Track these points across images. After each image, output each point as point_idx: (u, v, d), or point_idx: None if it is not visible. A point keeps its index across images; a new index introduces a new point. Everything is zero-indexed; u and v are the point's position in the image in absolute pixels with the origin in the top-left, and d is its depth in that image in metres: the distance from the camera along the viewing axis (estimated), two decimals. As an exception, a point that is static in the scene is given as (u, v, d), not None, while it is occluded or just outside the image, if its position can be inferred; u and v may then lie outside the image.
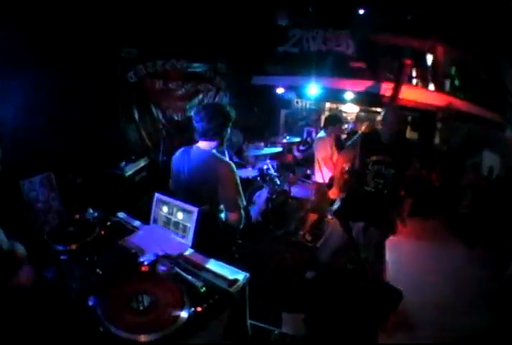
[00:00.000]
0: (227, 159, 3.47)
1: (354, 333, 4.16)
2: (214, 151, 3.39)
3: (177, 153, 3.57)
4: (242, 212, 3.38)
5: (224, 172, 3.23)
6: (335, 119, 6.47)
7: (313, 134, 9.95)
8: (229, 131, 3.44)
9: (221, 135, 3.35)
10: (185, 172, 3.38)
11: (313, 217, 6.56)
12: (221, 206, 3.42)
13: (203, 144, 3.37)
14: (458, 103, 9.16)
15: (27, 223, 3.24)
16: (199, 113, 3.29)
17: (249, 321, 2.84)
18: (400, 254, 6.20)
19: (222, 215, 3.48)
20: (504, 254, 6.27)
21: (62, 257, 2.62)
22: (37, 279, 2.35)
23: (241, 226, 3.48)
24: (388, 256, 5.25)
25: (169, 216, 3.08)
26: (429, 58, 9.74)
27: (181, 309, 2.09)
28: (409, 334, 4.39)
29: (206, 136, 3.30)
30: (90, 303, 2.10)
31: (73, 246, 2.71)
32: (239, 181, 3.35)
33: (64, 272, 2.43)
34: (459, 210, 8.10)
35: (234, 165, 3.34)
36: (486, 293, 5.33)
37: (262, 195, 6.51)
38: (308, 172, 8.48)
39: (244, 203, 3.45)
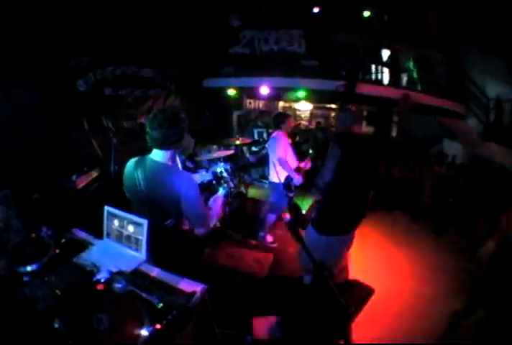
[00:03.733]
0: (185, 172, 3.27)
1: (326, 332, 4.17)
2: (170, 162, 3.08)
3: (130, 165, 3.20)
4: (211, 224, 3.26)
5: (183, 187, 2.91)
6: (282, 117, 6.46)
7: (264, 134, 9.99)
8: (185, 137, 3.09)
9: (179, 143, 3.02)
10: (141, 186, 3.05)
11: (271, 217, 6.56)
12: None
13: (157, 155, 3.03)
14: (416, 96, 9.31)
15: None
16: (155, 120, 2.89)
17: (217, 330, 2.83)
18: (368, 249, 6.30)
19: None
20: (472, 237, 6.44)
21: (24, 278, 2.60)
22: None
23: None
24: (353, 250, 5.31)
25: (121, 230, 3.02)
26: (385, 53, 9.91)
27: (141, 327, 2.09)
28: (392, 324, 4.45)
29: (164, 145, 2.96)
30: (56, 325, 2.09)
31: (32, 267, 2.68)
32: (199, 193, 3.07)
33: (29, 293, 2.40)
34: (423, 200, 8.25)
35: (191, 177, 3.08)
36: (459, 277, 5.46)
37: (217, 199, 6.48)
38: (264, 172, 8.54)
39: (212, 216, 3.39)
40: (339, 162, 4.04)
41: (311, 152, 6.42)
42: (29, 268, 2.66)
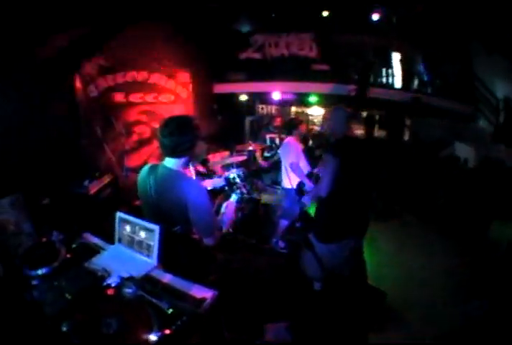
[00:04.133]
0: (195, 180, 3.28)
1: (342, 337, 4.15)
2: (182, 170, 3.06)
3: (143, 171, 3.20)
4: (217, 234, 3.16)
5: (192, 194, 2.87)
6: (294, 123, 6.46)
7: (277, 140, 9.97)
8: (197, 145, 3.04)
9: (192, 150, 3.00)
10: (152, 193, 3.06)
11: (284, 223, 6.53)
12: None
13: (170, 163, 3.00)
14: (426, 99, 9.26)
15: (1, 247, 3.16)
16: (166, 127, 2.88)
17: (228, 335, 2.81)
18: (381, 254, 6.26)
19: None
20: (481, 241, 6.39)
21: (33, 282, 2.60)
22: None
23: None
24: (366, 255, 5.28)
25: (132, 235, 3.03)
26: (395, 56, 9.86)
27: (149, 332, 2.07)
28: (400, 331, 4.41)
29: (174, 153, 2.95)
30: (64, 329, 2.09)
31: (42, 271, 2.69)
32: (209, 203, 3.04)
33: (37, 297, 2.42)
34: (436, 202, 8.18)
35: (201, 184, 3.13)
36: (468, 281, 5.40)
37: (230, 205, 6.45)
38: (275, 177, 8.52)
39: (224, 223, 3.43)
40: (337, 173, 3.94)
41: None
42: (39, 272, 2.68)
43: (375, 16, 9.21)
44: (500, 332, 4.09)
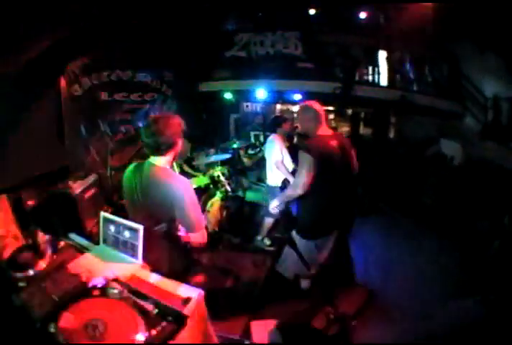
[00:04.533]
0: (180, 176, 3.20)
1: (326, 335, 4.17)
2: (168, 167, 3.15)
3: (128, 170, 3.28)
4: (204, 231, 3.15)
5: (180, 192, 2.94)
6: (279, 120, 6.48)
7: (261, 137, 10.00)
8: (180, 144, 3.16)
9: (175, 149, 3.10)
10: (138, 191, 3.13)
11: (269, 221, 6.56)
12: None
13: (155, 160, 3.09)
14: (412, 97, 9.31)
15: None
16: (149, 127, 2.98)
17: (215, 335, 2.82)
18: (368, 250, 6.30)
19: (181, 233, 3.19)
20: (472, 240, 6.44)
21: (21, 284, 2.59)
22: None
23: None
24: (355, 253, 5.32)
25: (117, 235, 3.02)
26: (381, 55, 9.91)
27: (136, 333, 2.09)
28: (388, 329, 4.44)
29: (158, 152, 3.03)
30: (52, 331, 2.09)
31: (29, 273, 2.70)
32: (196, 199, 3.09)
33: (25, 299, 2.41)
34: (422, 200, 8.24)
35: (189, 182, 3.11)
36: (458, 280, 5.45)
37: (215, 203, 6.49)
38: (260, 175, 8.54)
39: (204, 222, 3.36)
40: (313, 169, 4.00)
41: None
42: (25, 274, 2.67)
43: (362, 15, 9.27)
44: (493, 330, 4.15)
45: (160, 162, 3.08)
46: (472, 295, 4.76)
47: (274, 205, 4.56)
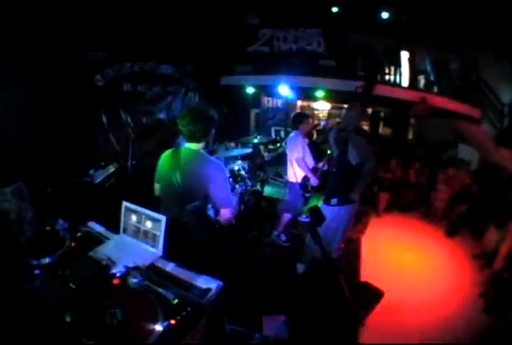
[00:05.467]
0: (215, 158, 3.58)
1: (335, 333, 4.15)
2: (203, 151, 3.50)
3: (164, 156, 3.64)
4: (233, 208, 3.54)
5: (216, 172, 3.35)
6: (301, 117, 6.45)
7: (282, 133, 9.96)
8: (213, 132, 3.54)
9: (207, 137, 3.47)
10: (176, 173, 3.39)
11: (287, 217, 6.53)
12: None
13: (191, 146, 3.45)
14: (433, 99, 9.23)
15: (2, 236, 3.15)
16: (184, 117, 3.37)
17: (228, 327, 2.82)
18: (379, 249, 6.26)
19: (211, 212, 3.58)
20: (483, 242, 6.39)
21: (36, 271, 2.58)
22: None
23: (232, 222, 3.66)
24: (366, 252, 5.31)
25: (138, 225, 3.06)
26: (404, 55, 9.83)
27: (155, 322, 2.08)
28: (395, 329, 4.42)
29: (192, 139, 3.41)
30: (67, 319, 2.08)
31: (45, 260, 2.69)
32: (227, 178, 3.63)
33: (39, 286, 2.39)
34: (436, 204, 8.18)
35: (222, 164, 3.47)
36: (472, 281, 5.41)
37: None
38: (279, 170, 8.52)
39: (235, 199, 3.75)
40: (364, 147, 4.69)
41: (329, 152, 6.37)
42: (42, 261, 2.68)
43: (384, 15, 9.22)
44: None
45: (196, 147, 3.45)
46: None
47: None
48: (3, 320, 2.15)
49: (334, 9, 9.46)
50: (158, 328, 2.05)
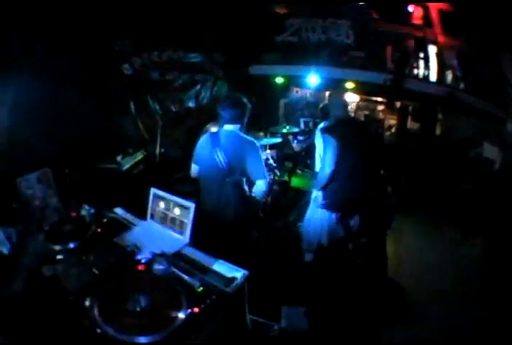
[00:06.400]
0: (251, 137, 4.07)
1: (355, 327, 4.13)
2: (240, 131, 4.01)
3: (204, 138, 4.12)
4: (267, 180, 4.01)
5: (252, 148, 3.87)
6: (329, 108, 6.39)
7: (310, 124, 9.90)
8: (247, 115, 4.04)
9: (242, 120, 4.01)
10: (217, 151, 3.85)
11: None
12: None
13: (229, 127, 3.96)
14: (459, 95, 9.10)
15: (25, 222, 3.17)
16: (223, 103, 4.01)
17: (248, 317, 2.81)
18: (400, 248, 6.19)
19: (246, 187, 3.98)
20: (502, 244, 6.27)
21: (59, 256, 2.60)
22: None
23: (264, 197, 4.39)
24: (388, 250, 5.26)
25: (166, 212, 3.08)
26: (432, 49, 9.69)
27: (178, 310, 2.06)
28: (410, 327, 4.36)
29: (231, 121, 3.93)
30: (87, 304, 2.08)
31: (70, 246, 2.70)
32: (262, 155, 4.05)
33: (61, 271, 2.38)
34: (460, 201, 8.05)
35: (256, 141, 4.01)
36: (485, 284, 5.31)
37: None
38: (308, 162, 8.43)
39: (267, 174, 4.10)
40: (337, 152, 4.51)
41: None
42: (65, 246, 2.70)
43: (411, 8, 9.12)
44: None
45: (234, 128, 3.97)
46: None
47: None
48: (22, 306, 2.15)
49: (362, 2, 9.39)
50: (181, 315, 2.03)
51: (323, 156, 4.68)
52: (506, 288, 5.03)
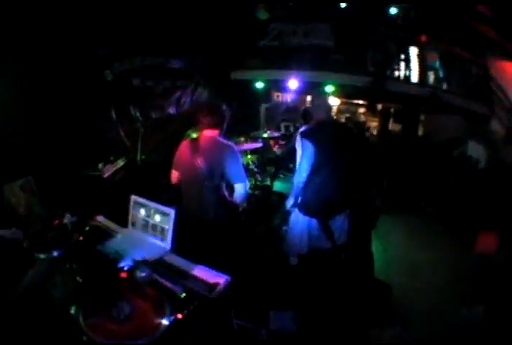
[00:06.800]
0: (229, 141, 4.08)
1: (344, 328, 4.15)
2: (219, 136, 4.02)
3: (184, 145, 4.11)
4: (246, 184, 4.01)
5: (230, 152, 3.89)
6: (310, 112, 6.43)
7: (291, 128, 9.95)
8: (226, 122, 4.07)
9: (222, 126, 4.03)
10: (198, 156, 3.84)
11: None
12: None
13: (209, 133, 3.98)
14: (442, 95, 9.19)
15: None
16: (203, 110, 4.02)
17: (235, 322, 2.82)
18: (388, 247, 6.23)
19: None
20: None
21: (42, 264, 2.58)
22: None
23: (244, 201, 4.34)
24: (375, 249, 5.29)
25: (147, 219, 3.09)
26: (413, 51, 9.78)
27: (162, 317, 2.08)
28: (403, 327, 4.38)
29: (210, 126, 3.96)
30: (73, 312, 2.09)
31: (53, 254, 2.68)
32: (240, 159, 4.08)
33: (46, 279, 2.40)
34: (446, 199, 8.12)
35: (235, 146, 4.05)
36: (476, 282, 5.35)
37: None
38: (291, 166, 8.47)
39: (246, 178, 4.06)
40: (314, 157, 4.57)
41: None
42: (48, 255, 2.67)
43: (393, 10, 9.20)
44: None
45: (213, 133, 3.99)
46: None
47: None
48: (7, 314, 2.15)
49: (343, 5, 9.44)
50: (165, 322, 2.05)
51: (300, 160, 4.71)
52: (495, 287, 5.07)
